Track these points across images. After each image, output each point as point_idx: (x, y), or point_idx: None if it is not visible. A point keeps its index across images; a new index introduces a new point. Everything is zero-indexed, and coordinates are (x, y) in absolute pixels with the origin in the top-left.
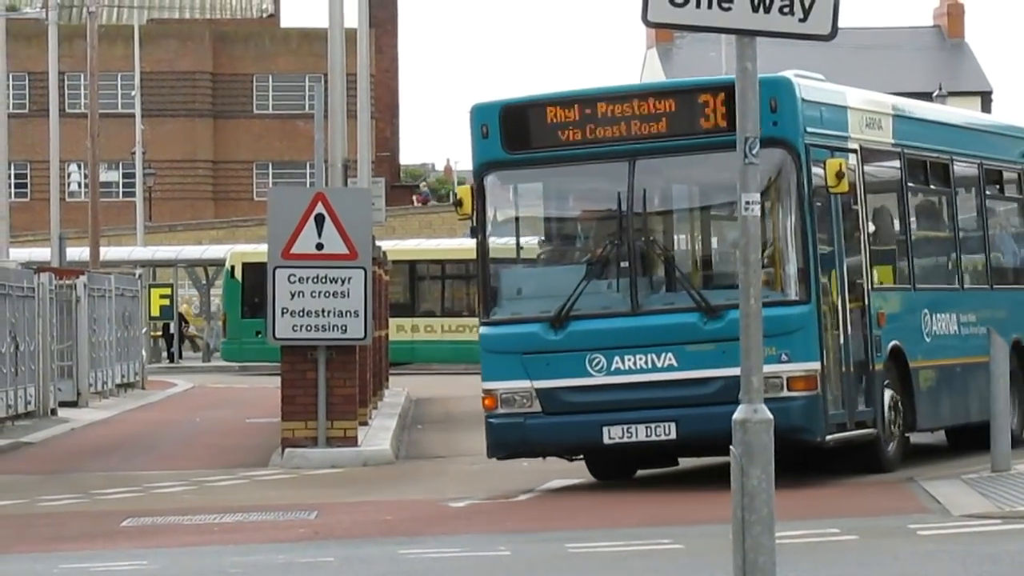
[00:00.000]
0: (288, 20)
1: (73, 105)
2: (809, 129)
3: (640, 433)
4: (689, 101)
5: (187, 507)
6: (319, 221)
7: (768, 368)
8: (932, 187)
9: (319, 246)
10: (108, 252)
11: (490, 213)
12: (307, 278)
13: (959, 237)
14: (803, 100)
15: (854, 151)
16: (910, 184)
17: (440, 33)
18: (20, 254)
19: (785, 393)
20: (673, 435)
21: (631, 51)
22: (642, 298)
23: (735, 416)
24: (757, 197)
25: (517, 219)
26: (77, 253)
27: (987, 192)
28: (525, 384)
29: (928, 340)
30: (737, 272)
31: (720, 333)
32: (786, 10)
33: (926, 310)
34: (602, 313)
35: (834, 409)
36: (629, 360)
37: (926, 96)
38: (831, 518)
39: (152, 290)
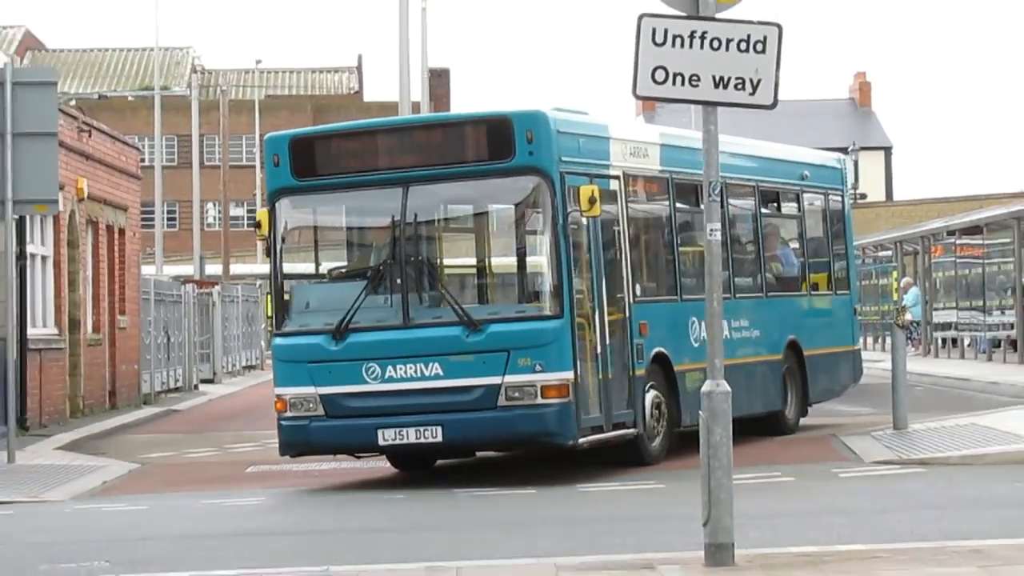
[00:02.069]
0: (370, 95)
1: (209, 159)
2: (565, 158)
3: (411, 436)
4: (455, 133)
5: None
6: None
7: (523, 377)
8: (703, 208)
9: None
10: (236, 268)
11: (282, 234)
12: None
13: (732, 252)
14: (558, 132)
15: (616, 177)
16: (679, 205)
17: (486, 103)
18: (171, 270)
19: (539, 400)
20: (440, 438)
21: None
22: (413, 312)
23: (703, 388)
24: (718, 226)
25: (309, 239)
26: (213, 269)
27: (764, 211)
28: (310, 390)
29: (696, 345)
30: (496, 288)
31: (481, 345)
32: (739, 86)
33: (694, 318)
34: (377, 326)
35: (589, 413)
36: (401, 369)
37: (842, 151)
38: (774, 464)
39: (267, 296)
